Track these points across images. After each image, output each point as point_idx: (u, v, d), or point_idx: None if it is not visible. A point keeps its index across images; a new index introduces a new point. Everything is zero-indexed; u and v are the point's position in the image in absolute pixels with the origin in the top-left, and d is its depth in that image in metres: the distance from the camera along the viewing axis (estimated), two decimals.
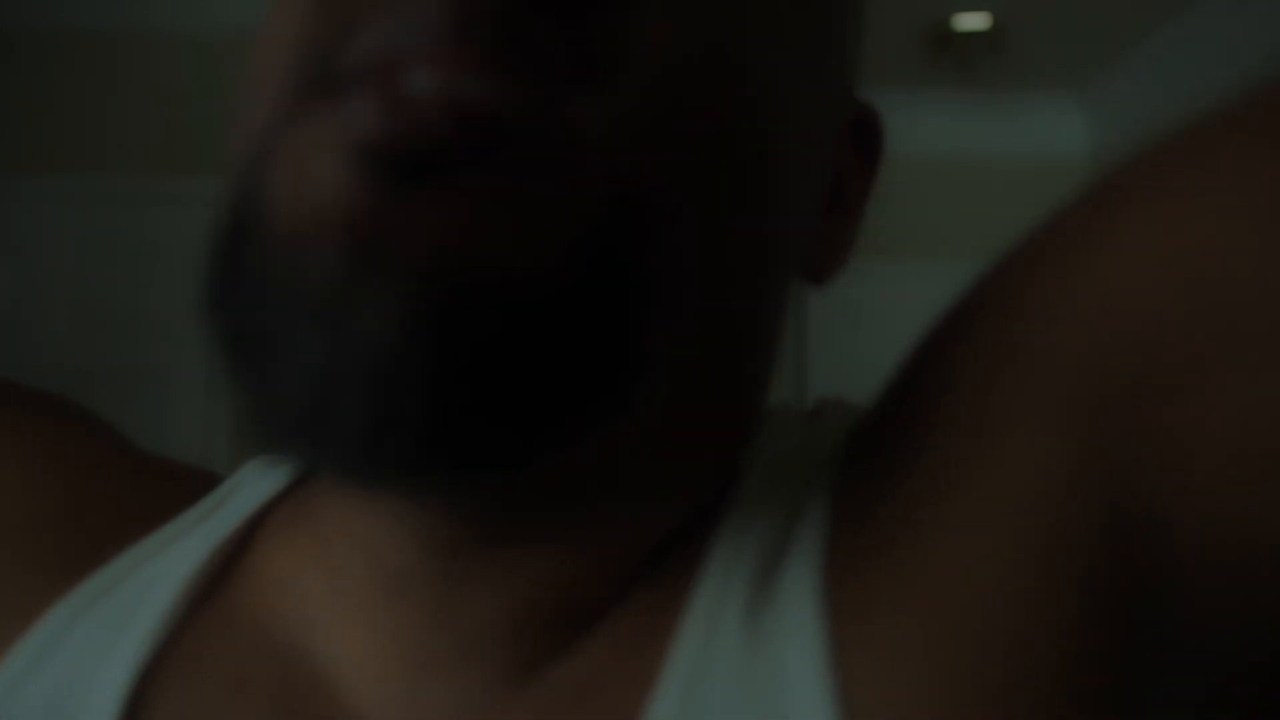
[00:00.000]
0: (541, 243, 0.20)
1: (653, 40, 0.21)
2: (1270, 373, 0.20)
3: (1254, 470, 0.20)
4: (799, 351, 3.46)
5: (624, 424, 0.22)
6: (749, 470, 0.27)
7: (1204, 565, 0.21)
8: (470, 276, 0.19)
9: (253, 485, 0.32)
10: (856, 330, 3.50)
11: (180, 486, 0.33)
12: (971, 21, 2.97)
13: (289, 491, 0.31)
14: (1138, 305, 0.22)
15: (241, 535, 0.30)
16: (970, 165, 3.57)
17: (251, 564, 0.29)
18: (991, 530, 0.22)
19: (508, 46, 0.20)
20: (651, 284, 0.21)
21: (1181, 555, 0.21)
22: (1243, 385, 0.20)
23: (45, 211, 2.83)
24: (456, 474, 0.21)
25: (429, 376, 0.19)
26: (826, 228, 0.31)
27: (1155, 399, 0.21)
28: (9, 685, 0.26)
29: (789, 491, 0.27)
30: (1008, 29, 3.02)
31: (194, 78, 2.87)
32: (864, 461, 0.26)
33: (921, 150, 3.55)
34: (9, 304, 2.80)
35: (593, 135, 0.20)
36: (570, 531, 0.25)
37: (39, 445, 0.32)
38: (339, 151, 0.20)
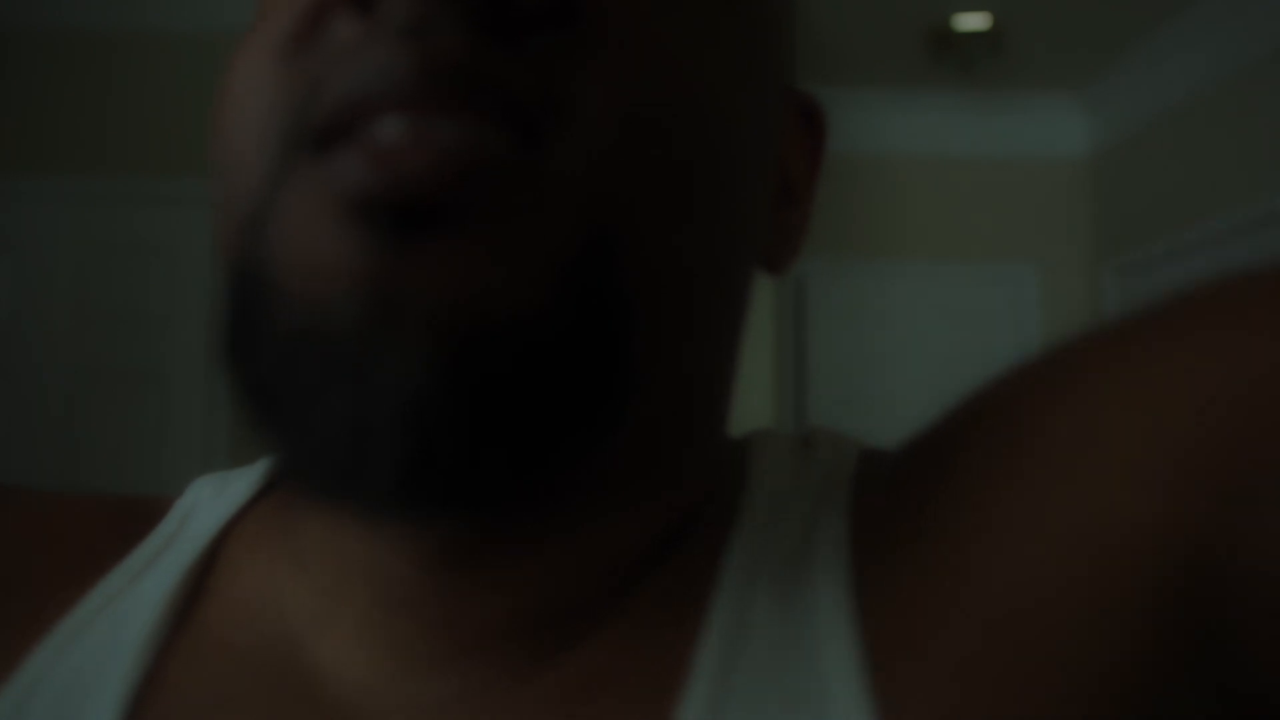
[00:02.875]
0: (535, 283, 0.21)
1: (614, 74, 0.22)
2: None
3: None
4: (799, 351, 3.46)
5: (618, 430, 0.24)
6: (754, 484, 0.29)
7: (1271, 635, 0.22)
8: (478, 322, 0.20)
9: (208, 506, 0.33)
10: (856, 329, 3.50)
11: (130, 516, 0.33)
12: (971, 21, 2.97)
13: (246, 510, 0.32)
14: (1250, 397, 0.23)
15: (205, 559, 0.31)
16: (970, 165, 3.57)
17: (219, 586, 0.30)
18: (1057, 560, 0.23)
19: (477, 88, 0.21)
20: (630, 303, 0.23)
21: (1250, 627, 0.22)
22: None
23: (45, 211, 2.83)
24: (482, 503, 0.22)
25: (453, 418, 0.20)
26: (778, 219, 0.32)
27: (1250, 494, 0.22)
28: None
29: (799, 506, 0.28)
30: (1008, 29, 3.02)
31: (193, 78, 2.87)
32: (893, 481, 0.28)
33: (921, 150, 3.56)
34: (9, 304, 2.80)
35: (567, 172, 0.21)
36: (566, 533, 0.26)
37: None
38: (334, 208, 0.21)
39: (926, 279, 3.53)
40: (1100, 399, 0.25)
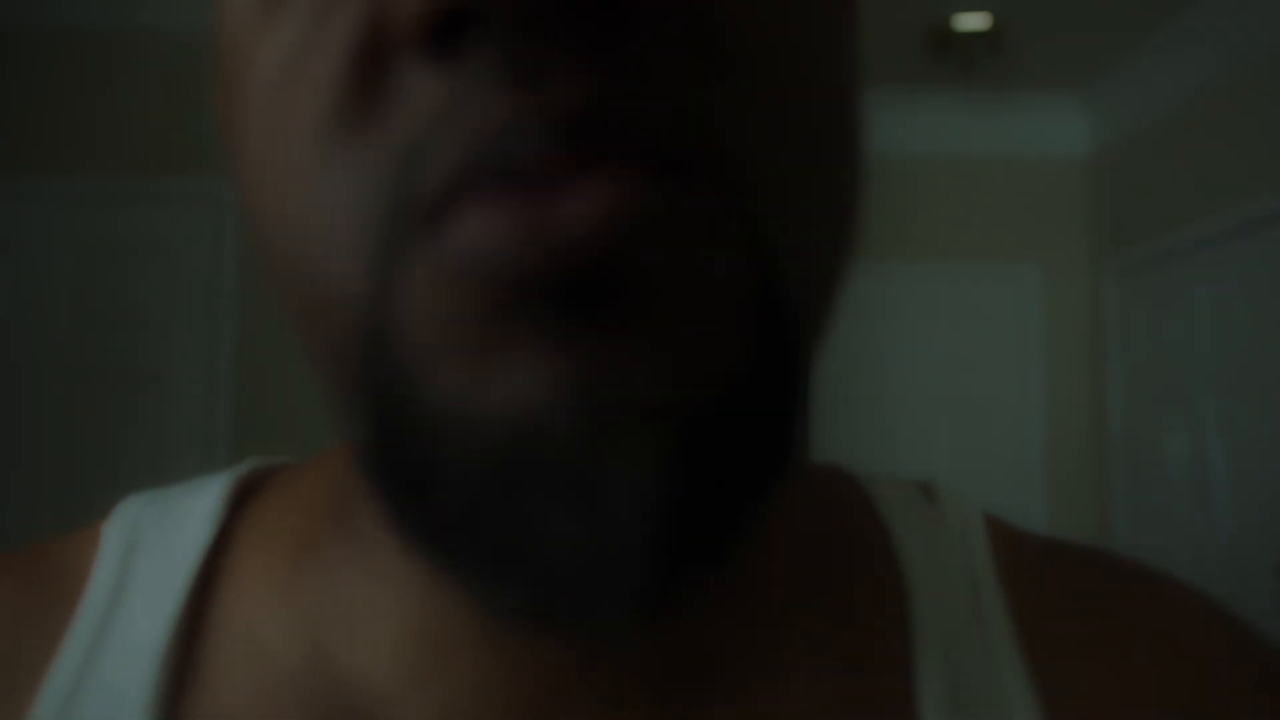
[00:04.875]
0: (739, 343, 0.18)
1: (750, 89, 0.19)
2: None
3: None
4: None
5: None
6: (907, 540, 0.29)
7: None
8: (702, 405, 0.18)
9: (157, 542, 0.28)
10: (856, 329, 3.50)
11: (39, 577, 0.28)
12: (971, 21, 2.97)
13: (222, 543, 0.28)
14: None
15: (189, 613, 0.26)
16: (970, 165, 3.57)
17: (222, 653, 0.26)
18: None
19: (611, 137, 0.17)
20: (800, 332, 0.20)
21: None
22: None
23: (45, 211, 2.83)
24: (700, 600, 0.21)
25: (696, 520, 0.18)
26: None
27: None
28: None
29: (960, 578, 0.28)
30: (1008, 29, 3.02)
31: (193, 78, 2.87)
32: (1048, 587, 0.29)
33: (921, 150, 3.55)
34: (9, 304, 2.80)
35: (729, 209, 0.19)
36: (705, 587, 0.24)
37: None
38: (481, 289, 0.17)
39: (926, 279, 3.53)
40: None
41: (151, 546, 0.28)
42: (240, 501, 0.29)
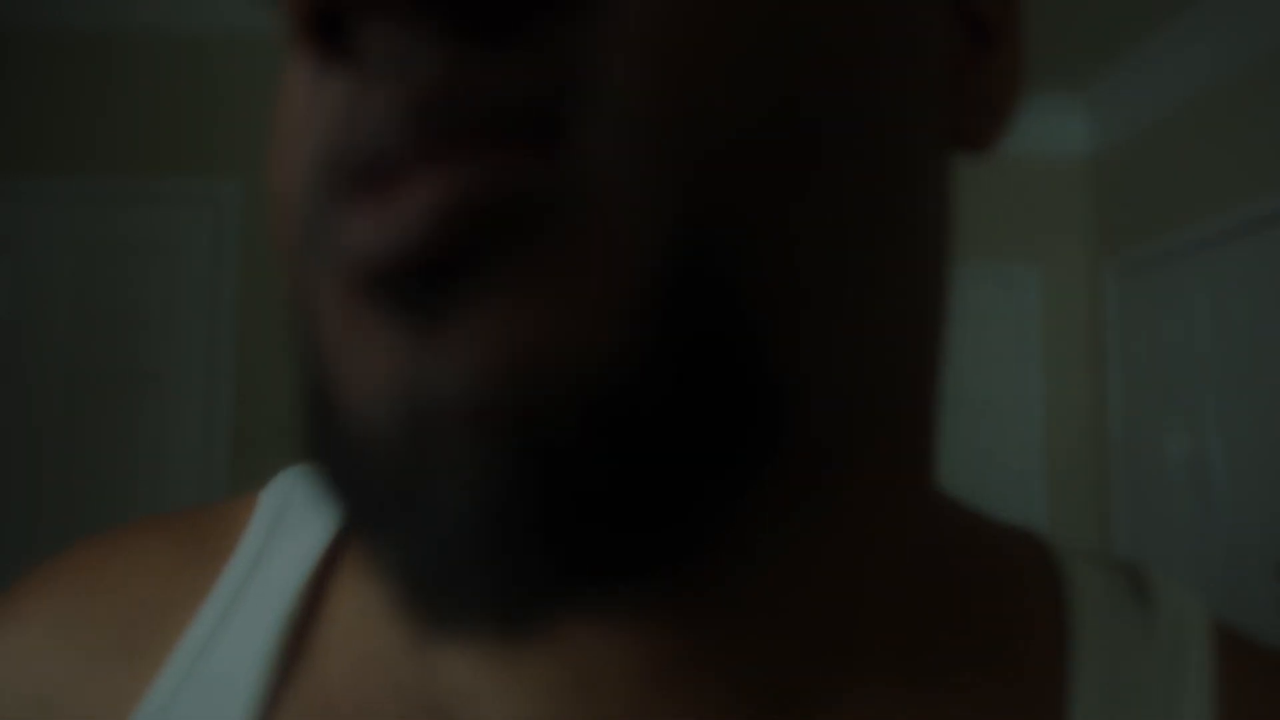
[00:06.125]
0: (606, 320, 0.16)
1: (635, 21, 0.17)
2: None
3: None
4: None
5: (779, 474, 0.20)
6: (1083, 607, 0.26)
7: None
8: (530, 394, 0.16)
9: (300, 521, 0.29)
10: None
11: (199, 536, 0.30)
12: None
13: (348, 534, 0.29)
14: None
15: (310, 592, 0.27)
16: (970, 165, 3.56)
17: (332, 634, 0.26)
18: None
19: (463, 110, 0.16)
20: (754, 311, 0.18)
21: None
22: None
23: (45, 211, 2.83)
24: (593, 589, 0.18)
25: (528, 514, 0.16)
26: (967, 80, 0.25)
27: None
28: None
29: (1151, 680, 0.25)
30: None
31: (192, 78, 2.87)
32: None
33: None
34: (9, 304, 2.80)
35: (617, 166, 0.17)
36: (773, 593, 0.22)
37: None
38: (350, 281, 0.17)
39: None
40: None
41: (293, 522, 0.29)
42: None
